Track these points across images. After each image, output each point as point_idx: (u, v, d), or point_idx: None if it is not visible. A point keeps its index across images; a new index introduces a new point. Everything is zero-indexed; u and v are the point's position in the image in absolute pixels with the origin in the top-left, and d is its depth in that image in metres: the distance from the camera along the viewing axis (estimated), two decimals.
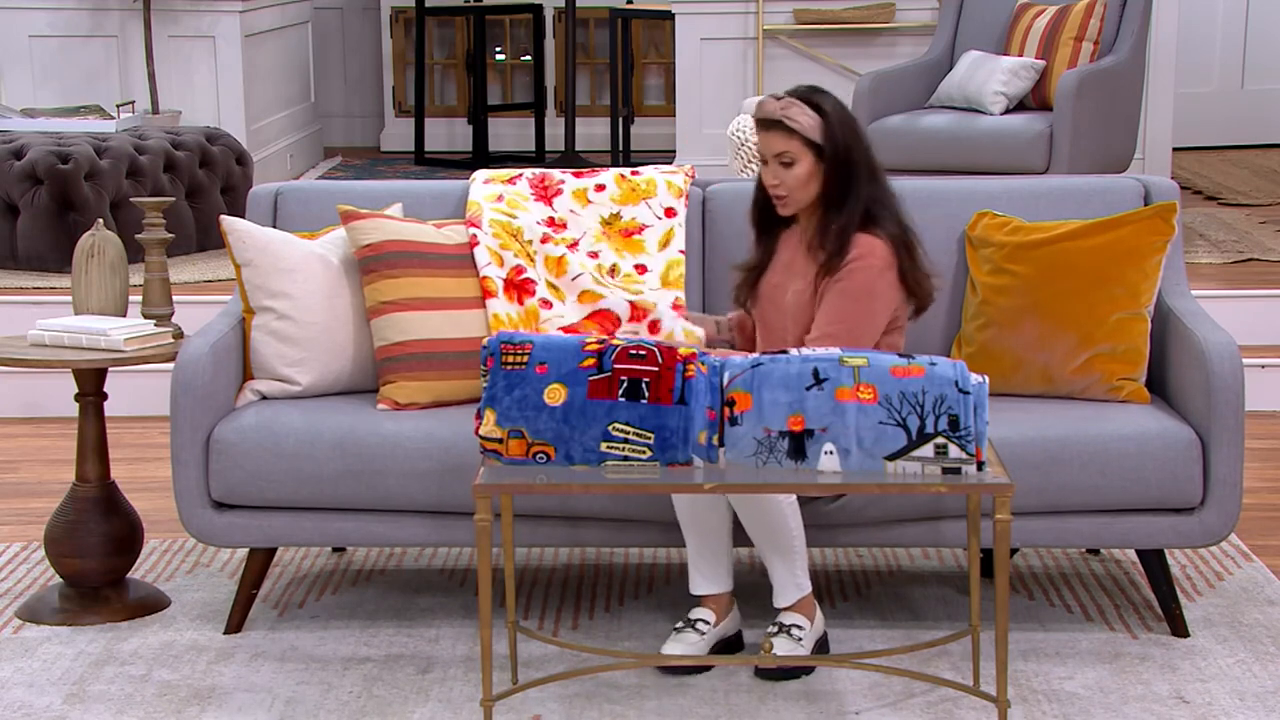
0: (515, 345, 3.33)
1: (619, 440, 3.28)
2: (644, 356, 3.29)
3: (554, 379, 3.29)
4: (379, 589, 4.23)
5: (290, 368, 3.98)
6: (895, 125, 6.95)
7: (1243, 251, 6.71)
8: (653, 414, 3.27)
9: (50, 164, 6.53)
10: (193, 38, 8.17)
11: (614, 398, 3.27)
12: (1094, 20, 6.91)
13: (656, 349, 3.31)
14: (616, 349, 3.30)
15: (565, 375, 3.29)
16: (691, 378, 3.27)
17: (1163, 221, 3.97)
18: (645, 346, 3.31)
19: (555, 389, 3.29)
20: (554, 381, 3.30)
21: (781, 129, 3.69)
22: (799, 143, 3.68)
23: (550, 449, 3.30)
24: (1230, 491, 3.77)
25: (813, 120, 3.69)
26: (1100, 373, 3.93)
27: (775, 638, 3.68)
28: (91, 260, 4.10)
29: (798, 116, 3.69)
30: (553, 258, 4.09)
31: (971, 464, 3.23)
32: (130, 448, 5.28)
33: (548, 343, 3.33)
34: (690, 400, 3.26)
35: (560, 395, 3.29)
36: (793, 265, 3.79)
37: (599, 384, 3.28)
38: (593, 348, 3.30)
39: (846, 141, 3.71)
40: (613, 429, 3.28)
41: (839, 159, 3.69)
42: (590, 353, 3.30)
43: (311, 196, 4.30)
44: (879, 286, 3.69)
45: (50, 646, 3.90)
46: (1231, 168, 8.95)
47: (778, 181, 3.72)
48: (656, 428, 3.27)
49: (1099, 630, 3.93)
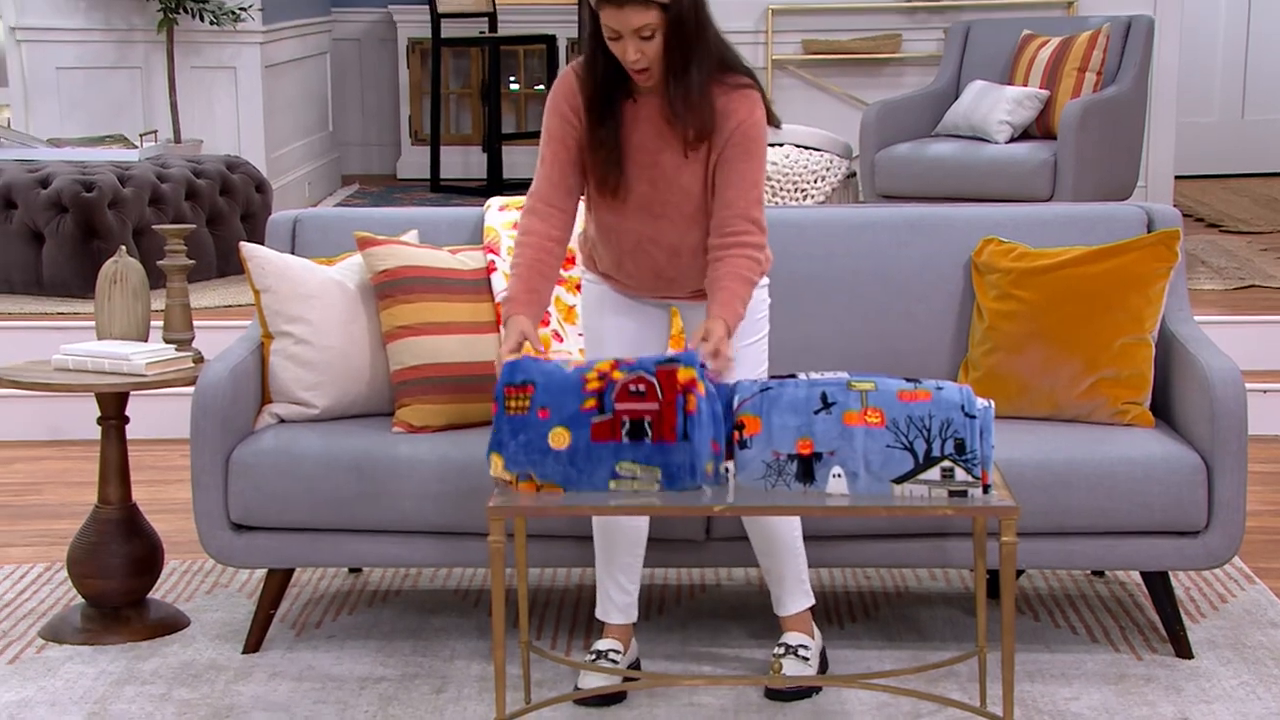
0: (517, 388, 3.27)
1: (627, 478, 3.26)
2: (644, 393, 3.23)
3: (557, 423, 3.24)
4: (394, 609, 4.22)
5: (308, 391, 3.98)
6: (902, 153, 6.95)
7: (1244, 278, 6.70)
8: (658, 452, 3.24)
9: (75, 192, 6.55)
10: (214, 69, 8.20)
11: (618, 439, 3.24)
12: (1097, 51, 6.91)
13: (656, 380, 3.24)
14: (616, 386, 3.24)
15: (568, 419, 3.24)
16: (693, 412, 3.22)
17: (1166, 248, 3.96)
18: (645, 379, 3.25)
19: (559, 433, 3.25)
20: (557, 425, 3.25)
21: (638, 2, 3.37)
22: (656, 11, 3.41)
23: (559, 489, 3.27)
24: (1234, 515, 3.75)
25: None
26: (1105, 397, 3.92)
27: (784, 659, 3.67)
28: (114, 286, 4.11)
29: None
30: (564, 304, 4.09)
31: (977, 487, 3.22)
32: (151, 470, 5.28)
33: (549, 383, 3.26)
34: (693, 435, 3.22)
35: (564, 439, 3.25)
36: (658, 136, 3.52)
37: (602, 426, 3.24)
38: (594, 386, 3.25)
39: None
40: (619, 468, 3.26)
41: (689, 16, 3.44)
42: (591, 393, 3.25)
43: (329, 223, 4.30)
44: (765, 135, 3.56)
45: (72, 666, 3.89)
46: (1232, 196, 8.95)
47: (639, 55, 3.44)
48: (663, 464, 3.25)
49: (1104, 651, 3.91)
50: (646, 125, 3.54)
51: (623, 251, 3.62)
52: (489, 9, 9.65)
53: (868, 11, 8.15)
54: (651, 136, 3.54)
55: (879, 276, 4.17)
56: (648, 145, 3.54)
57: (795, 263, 4.12)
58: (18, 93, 8.06)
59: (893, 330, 4.15)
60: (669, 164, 3.53)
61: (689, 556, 3.86)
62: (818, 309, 4.16)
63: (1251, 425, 3.93)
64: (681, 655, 3.90)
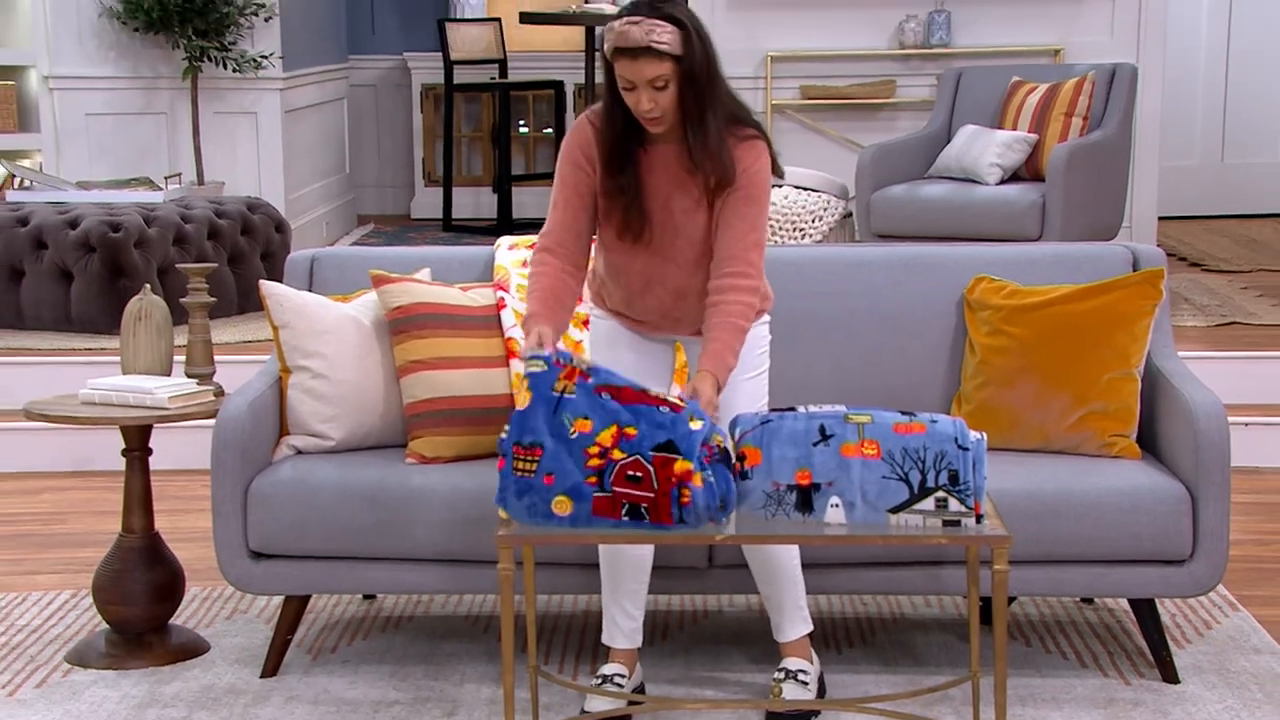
0: (525, 449, 3.24)
1: None
2: (640, 480, 3.21)
3: (560, 491, 3.23)
4: (407, 634, 4.20)
5: (324, 424, 3.97)
6: (897, 195, 6.95)
7: (1226, 315, 6.69)
8: (656, 530, 3.24)
9: (102, 233, 6.55)
10: (236, 114, 8.22)
11: (617, 517, 3.23)
12: (1083, 97, 6.92)
13: (654, 469, 3.21)
14: (615, 468, 3.22)
15: (570, 489, 3.22)
16: (687, 504, 3.20)
17: (1151, 287, 3.95)
18: (643, 465, 3.22)
19: (562, 500, 3.24)
20: (560, 493, 3.23)
21: (652, 54, 3.36)
22: (670, 63, 3.40)
23: None
24: (1218, 544, 3.73)
25: (675, 36, 3.38)
26: (1093, 430, 3.90)
27: (784, 683, 3.64)
28: (139, 323, 4.10)
29: (663, 37, 3.36)
30: (570, 339, 4.08)
31: (971, 517, 3.20)
32: (173, 500, 5.26)
33: (557, 450, 3.23)
34: (689, 520, 3.21)
35: (567, 508, 3.24)
36: (669, 182, 3.52)
37: (602, 503, 3.23)
38: (595, 463, 3.23)
39: (704, 50, 3.45)
40: None
41: (700, 69, 3.44)
42: (593, 469, 3.23)
43: (345, 262, 4.29)
44: (769, 183, 3.55)
45: (97, 690, 3.87)
46: (1213, 236, 8.95)
47: (653, 105, 3.44)
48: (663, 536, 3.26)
49: (1093, 676, 3.88)
50: (659, 172, 3.53)
51: (631, 291, 3.61)
52: (499, 56, 9.67)
53: (863, 58, 8.16)
54: (664, 183, 3.53)
55: (875, 313, 4.16)
56: (660, 191, 3.54)
57: (794, 300, 4.11)
58: (49, 138, 8.08)
59: (888, 365, 4.14)
60: (679, 210, 3.53)
61: (692, 584, 3.84)
62: (816, 344, 4.15)
63: (1234, 457, 3.92)
64: (685, 679, 3.88)
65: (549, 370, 3.27)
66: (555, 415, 3.25)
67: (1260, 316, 6.68)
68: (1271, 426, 5.70)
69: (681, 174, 3.52)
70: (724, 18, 7.98)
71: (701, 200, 3.52)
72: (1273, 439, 5.68)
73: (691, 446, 3.19)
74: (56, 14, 7.97)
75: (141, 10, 7.78)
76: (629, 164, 3.53)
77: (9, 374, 6.11)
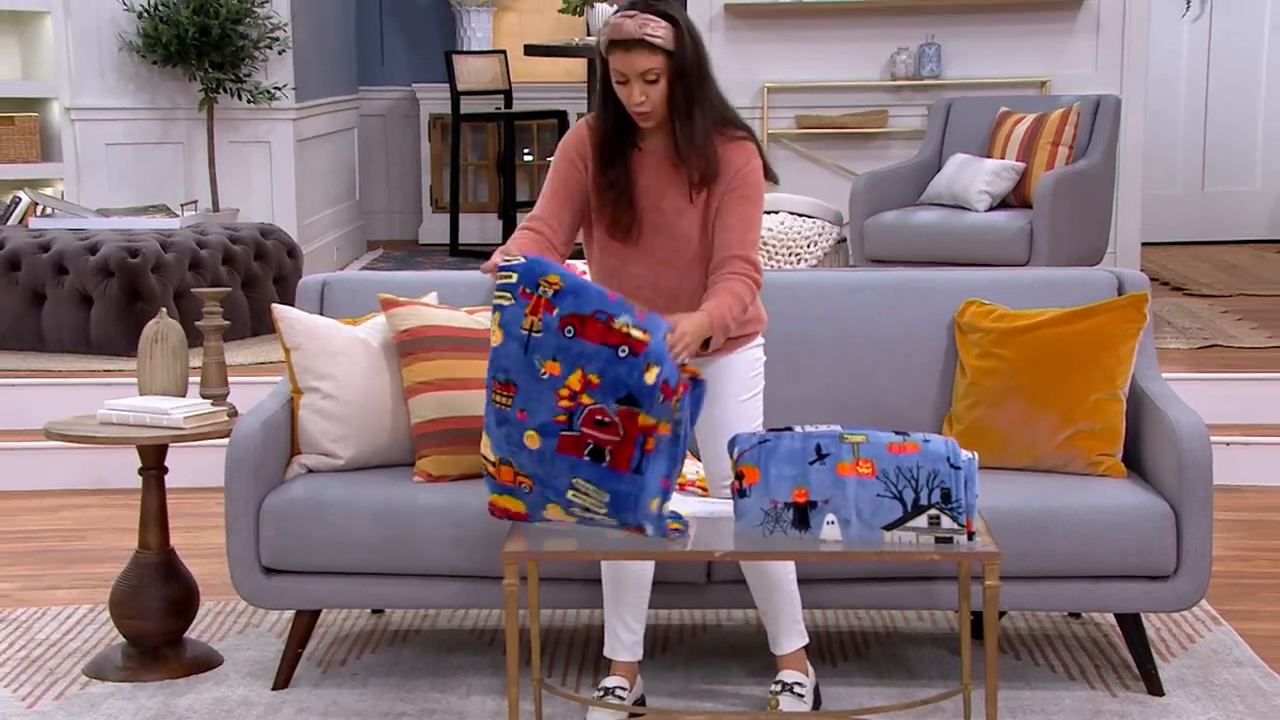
0: (501, 385, 3.28)
1: (581, 492, 3.26)
2: (608, 425, 3.23)
3: (531, 426, 3.26)
4: (414, 648, 4.18)
5: (334, 443, 3.95)
6: (889, 221, 6.94)
7: (1207, 338, 6.68)
8: (610, 477, 3.24)
9: (121, 258, 6.55)
10: (250, 143, 8.22)
11: (579, 455, 3.24)
12: (1069, 127, 6.92)
13: (619, 420, 3.23)
14: (585, 410, 3.24)
15: (540, 425, 3.25)
16: (650, 451, 3.22)
17: (1135, 310, 3.95)
18: (610, 415, 3.24)
19: (531, 434, 3.27)
20: (531, 428, 3.26)
21: (645, 46, 3.39)
22: (661, 57, 3.42)
23: (530, 482, 3.30)
24: (1201, 560, 3.71)
25: (668, 31, 3.41)
26: (1080, 449, 3.89)
27: (780, 695, 3.62)
28: (155, 345, 4.09)
29: (656, 31, 3.39)
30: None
31: (962, 534, 3.19)
32: (188, 517, 5.25)
33: (528, 388, 3.26)
34: (646, 470, 3.22)
35: (536, 441, 3.26)
36: (661, 181, 3.51)
37: (567, 440, 3.25)
38: (565, 404, 3.25)
39: (696, 49, 3.47)
40: (575, 482, 3.27)
41: (691, 66, 3.45)
42: (563, 409, 3.25)
43: (355, 286, 4.28)
44: (762, 184, 3.55)
45: (114, 702, 3.85)
46: (1195, 261, 8.95)
47: (644, 98, 3.45)
48: (611, 490, 3.24)
49: (1081, 689, 3.86)
50: (651, 172, 3.54)
51: (624, 295, 3.59)
52: (505, 87, 9.68)
53: (856, 89, 8.17)
54: (655, 182, 3.53)
55: (869, 335, 4.15)
56: (652, 190, 3.54)
57: (790, 323, 4.10)
58: (70, 167, 8.08)
59: (882, 386, 4.13)
60: (670, 209, 3.53)
61: (691, 598, 3.83)
62: (812, 366, 4.14)
63: (1216, 476, 3.91)
64: (684, 692, 3.86)
65: (516, 303, 3.28)
66: (526, 355, 3.27)
67: (1241, 340, 6.67)
68: (1252, 446, 5.69)
69: (672, 173, 3.52)
70: (722, 49, 7.99)
71: (691, 199, 3.51)
72: (1253, 458, 5.66)
73: (651, 400, 3.20)
74: (79, 48, 7.99)
75: (160, 44, 7.80)
76: (620, 161, 3.54)
77: (30, 395, 6.10)
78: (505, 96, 9.69)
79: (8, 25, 8.14)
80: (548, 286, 3.27)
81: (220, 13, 7.74)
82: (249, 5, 7.88)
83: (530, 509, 3.34)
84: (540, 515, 3.35)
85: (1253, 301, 7.68)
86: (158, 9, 7.81)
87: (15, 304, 6.73)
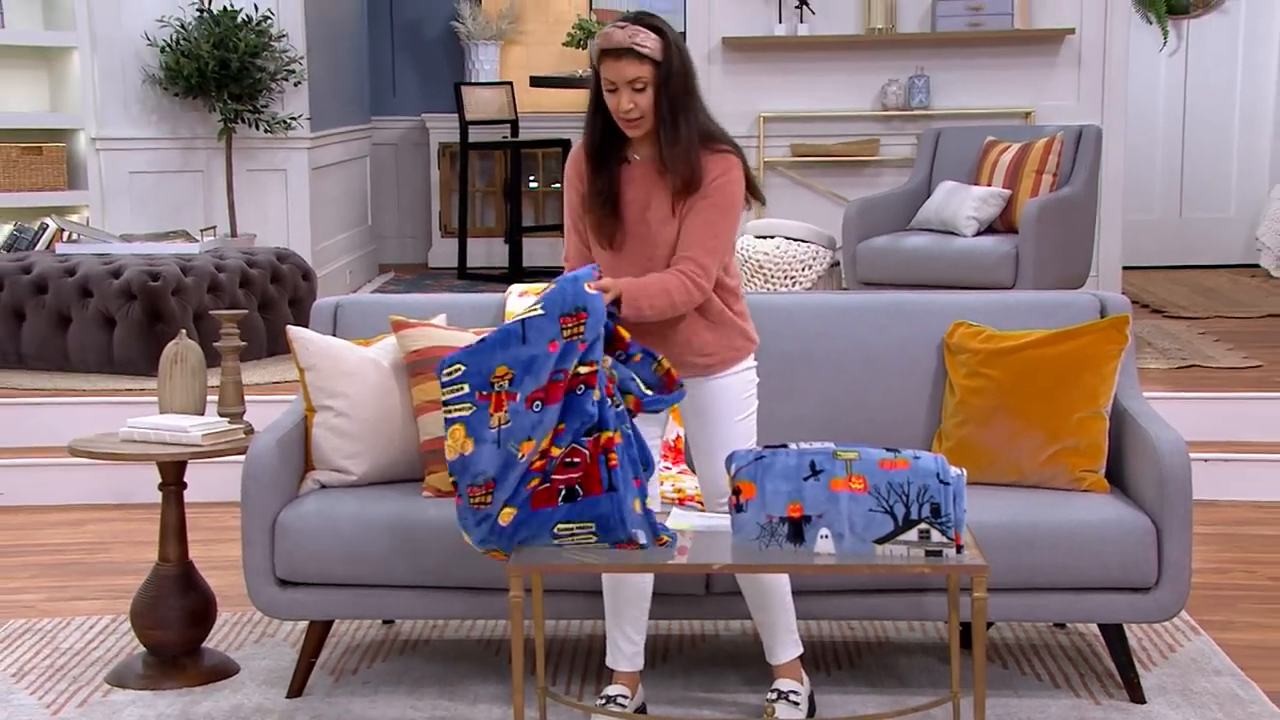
0: (479, 488, 3.26)
1: (565, 535, 3.26)
2: (578, 464, 3.24)
3: (502, 504, 3.26)
4: (423, 657, 4.16)
5: (346, 459, 3.94)
6: (880, 245, 6.93)
7: (1186, 358, 6.67)
8: (589, 507, 3.24)
9: (143, 282, 6.54)
10: (267, 171, 8.22)
11: (555, 504, 3.25)
12: (1052, 156, 6.92)
13: (588, 451, 3.23)
14: (556, 462, 3.24)
15: (510, 499, 3.25)
16: (615, 466, 3.21)
17: (1117, 332, 3.93)
18: (579, 451, 3.23)
19: (507, 512, 3.26)
20: (504, 506, 3.26)
21: (633, 55, 3.41)
22: (649, 66, 3.44)
23: (502, 555, 3.31)
24: (1181, 573, 3.69)
25: (656, 43, 3.43)
26: (1065, 465, 3.87)
27: (776, 703, 3.60)
28: (175, 366, 4.08)
29: (645, 41, 3.41)
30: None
31: (951, 547, 3.17)
32: (206, 530, 5.23)
33: (508, 478, 3.24)
34: (619, 484, 3.22)
35: (510, 516, 3.26)
36: (648, 192, 3.51)
37: (540, 495, 3.25)
38: (538, 466, 3.24)
39: (683, 62, 3.47)
40: (557, 529, 3.26)
41: (677, 77, 3.45)
42: (536, 472, 3.24)
43: (367, 308, 4.27)
44: (740, 198, 3.52)
45: (135, 709, 3.83)
46: (1173, 285, 8.94)
47: (632, 105, 3.44)
48: (594, 518, 3.24)
49: (1066, 697, 3.84)
50: (638, 184, 3.53)
51: None
52: (511, 117, 9.68)
53: (849, 119, 8.17)
54: (642, 194, 3.52)
55: (861, 356, 4.14)
56: (637, 201, 3.52)
57: (785, 343, 4.09)
58: (95, 195, 8.08)
59: (874, 404, 4.11)
60: (655, 220, 3.51)
61: (690, 609, 3.81)
62: (806, 385, 4.12)
63: (1195, 491, 3.88)
64: (684, 700, 3.84)
65: (478, 409, 3.26)
66: (500, 448, 3.25)
67: (1218, 360, 6.66)
68: (1230, 462, 5.67)
69: (658, 184, 3.50)
70: (720, 81, 7.99)
71: (674, 208, 3.49)
72: (1231, 474, 5.64)
73: (608, 416, 3.22)
74: (104, 81, 8.00)
75: (181, 77, 7.80)
76: (607, 172, 3.54)
77: (56, 413, 6.09)
78: (512, 126, 9.69)
79: (37, 60, 8.15)
80: (500, 381, 3.27)
81: (239, 46, 7.75)
82: (267, 39, 7.90)
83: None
84: None
85: (1229, 323, 7.67)
86: (179, 43, 7.82)
87: (42, 326, 6.73)
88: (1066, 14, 8.02)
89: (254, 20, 7.90)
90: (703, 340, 3.54)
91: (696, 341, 3.53)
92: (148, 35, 7.94)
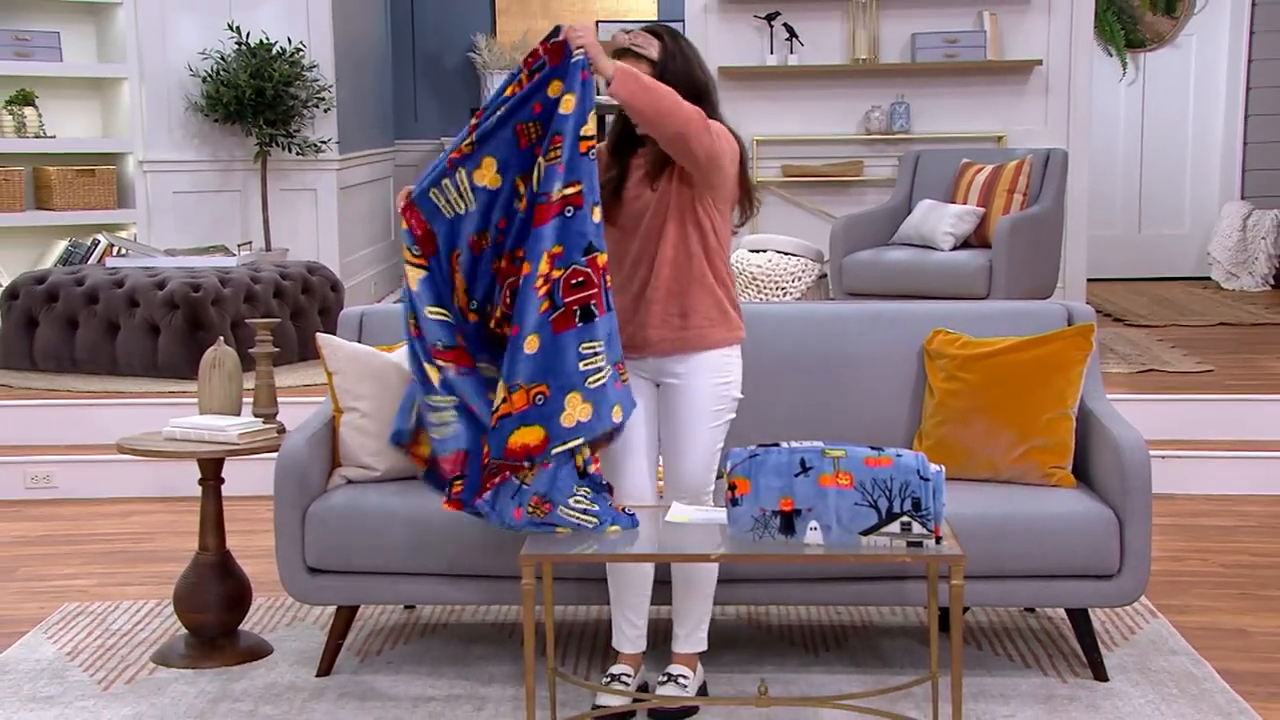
0: (442, 351, 3.31)
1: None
2: (583, 283, 3.25)
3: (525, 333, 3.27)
4: (442, 640, 4.14)
5: (371, 457, 3.92)
6: (864, 259, 6.92)
7: (1145, 363, 6.65)
8: (602, 325, 3.27)
9: (185, 292, 6.53)
10: (299, 190, 8.21)
11: (574, 325, 3.25)
12: (1022, 176, 6.90)
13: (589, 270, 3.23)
14: (560, 284, 3.24)
15: (535, 327, 3.26)
16: (610, 286, 3.28)
17: (1083, 339, 3.91)
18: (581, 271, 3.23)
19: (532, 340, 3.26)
20: (528, 335, 3.26)
21: (632, 55, 3.45)
22: (646, 65, 3.44)
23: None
24: (1141, 560, 3.67)
25: (655, 45, 3.46)
26: (1035, 462, 3.85)
27: (665, 685, 3.56)
28: (214, 370, 4.06)
29: (643, 43, 3.46)
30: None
31: (931, 538, 3.15)
32: (242, 522, 5.21)
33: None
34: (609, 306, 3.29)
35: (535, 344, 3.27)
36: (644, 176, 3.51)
37: (559, 320, 3.25)
38: (543, 291, 3.25)
39: (685, 66, 3.46)
40: (583, 348, 3.27)
41: (675, 77, 3.43)
42: (542, 297, 3.26)
43: (390, 317, 4.25)
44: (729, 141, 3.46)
45: (177, 686, 3.81)
46: (1133, 295, 8.93)
47: None
48: (605, 336, 3.28)
49: (1035, 675, 3.82)
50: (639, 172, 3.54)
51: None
52: None
53: (836, 142, 8.16)
54: (640, 179, 3.53)
55: (847, 360, 4.12)
56: (634, 185, 3.53)
57: (776, 349, 4.07)
58: (142, 213, 8.08)
59: (859, 406, 4.09)
60: (648, 197, 3.50)
61: None
62: (796, 388, 4.10)
63: (1154, 485, 3.87)
64: None
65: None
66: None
67: (1174, 365, 6.64)
68: (1186, 459, 5.65)
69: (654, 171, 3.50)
70: None
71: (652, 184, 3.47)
72: (1187, 469, 5.63)
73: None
74: (151, 109, 8.00)
75: (221, 104, 7.80)
76: (619, 165, 3.56)
77: (105, 414, 6.07)
78: None
79: (91, 90, 8.17)
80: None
81: (274, 76, 7.75)
82: (299, 69, 7.89)
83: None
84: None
85: (1184, 331, 7.65)
86: (219, 74, 7.82)
87: (93, 333, 6.72)
88: (1035, 46, 8.01)
89: (288, 52, 7.90)
90: (687, 297, 3.48)
91: (680, 297, 3.48)
92: (190, 67, 7.94)
